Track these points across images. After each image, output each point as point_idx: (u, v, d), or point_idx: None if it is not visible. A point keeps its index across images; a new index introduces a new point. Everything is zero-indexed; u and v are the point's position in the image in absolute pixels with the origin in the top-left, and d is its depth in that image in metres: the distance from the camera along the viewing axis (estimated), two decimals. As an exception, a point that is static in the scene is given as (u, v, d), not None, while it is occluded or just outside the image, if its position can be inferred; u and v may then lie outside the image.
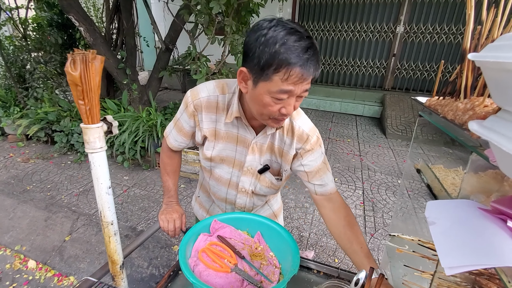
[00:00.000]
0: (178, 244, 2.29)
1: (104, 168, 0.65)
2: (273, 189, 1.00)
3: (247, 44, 0.69)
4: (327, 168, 0.96)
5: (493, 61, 0.24)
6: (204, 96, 0.87)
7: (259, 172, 0.95)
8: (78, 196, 2.93)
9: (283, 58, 0.63)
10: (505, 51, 0.24)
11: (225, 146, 0.93)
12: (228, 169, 0.97)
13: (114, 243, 0.71)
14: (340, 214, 0.94)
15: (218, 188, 1.03)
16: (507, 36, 0.26)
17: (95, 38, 3.30)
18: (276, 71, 0.65)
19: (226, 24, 2.74)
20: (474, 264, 0.31)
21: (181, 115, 0.94)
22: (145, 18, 4.18)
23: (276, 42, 0.63)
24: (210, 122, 0.90)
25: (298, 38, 0.64)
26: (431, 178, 0.71)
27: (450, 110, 0.48)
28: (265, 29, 0.65)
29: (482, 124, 0.30)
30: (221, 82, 0.89)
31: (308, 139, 0.90)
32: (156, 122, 3.34)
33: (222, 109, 0.88)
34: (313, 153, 0.92)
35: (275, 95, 0.69)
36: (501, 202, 0.41)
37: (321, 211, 0.98)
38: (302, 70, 0.65)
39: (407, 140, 4.57)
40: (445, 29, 5.14)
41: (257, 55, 0.66)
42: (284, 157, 0.94)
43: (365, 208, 2.85)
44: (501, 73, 0.25)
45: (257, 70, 0.67)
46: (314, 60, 0.66)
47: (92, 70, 0.58)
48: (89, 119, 0.61)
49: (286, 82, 0.66)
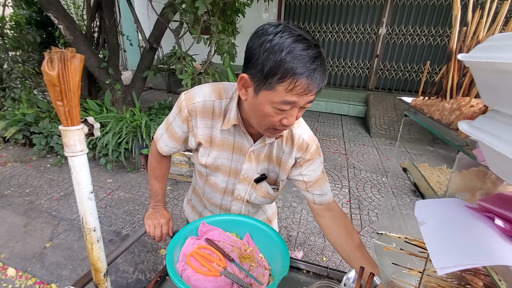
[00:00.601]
0: (165, 248, 2.24)
1: (85, 172, 0.61)
2: (269, 199, 0.97)
3: (250, 49, 0.65)
4: (325, 178, 0.95)
5: (484, 61, 0.24)
6: (200, 101, 0.81)
7: (256, 181, 0.91)
8: (59, 200, 2.82)
9: (289, 67, 0.59)
10: (495, 52, 0.24)
11: (220, 154, 0.88)
12: (223, 177, 0.93)
13: (97, 250, 0.68)
14: (340, 222, 0.93)
15: (213, 194, 0.99)
16: (495, 37, 0.26)
17: (76, 36, 3.19)
18: (280, 80, 0.61)
19: (212, 24, 2.71)
20: (466, 264, 0.32)
21: (173, 120, 0.88)
22: (128, 16, 4.07)
23: (282, 49, 0.59)
24: (206, 128, 0.84)
25: (305, 46, 0.60)
26: (417, 176, 0.72)
27: (436, 110, 0.49)
28: (270, 35, 0.61)
29: (471, 124, 0.30)
30: (217, 86, 0.84)
31: (308, 148, 0.88)
32: (141, 123, 3.26)
33: (218, 115, 0.83)
34: (312, 162, 0.90)
35: (277, 106, 0.65)
36: (487, 200, 0.41)
37: (320, 221, 0.96)
38: (308, 81, 0.61)
39: (390, 139, 4.69)
40: (425, 31, 5.31)
41: (261, 62, 0.61)
42: (282, 166, 0.91)
43: (351, 206, 2.90)
44: (492, 74, 0.25)
45: (260, 77, 0.63)
46: (321, 71, 0.62)
47: (71, 69, 0.55)
48: (68, 121, 0.58)
49: (290, 93, 0.62)
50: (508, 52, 0.22)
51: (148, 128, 3.28)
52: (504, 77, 0.23)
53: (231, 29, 3.08)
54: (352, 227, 0.93)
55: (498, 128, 0.26)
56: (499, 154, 0.25)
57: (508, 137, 0.24)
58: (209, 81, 3.12)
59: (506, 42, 0.24)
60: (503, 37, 0.25)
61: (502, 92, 0.24)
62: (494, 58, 0.23)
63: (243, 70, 0.69)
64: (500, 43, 0.25)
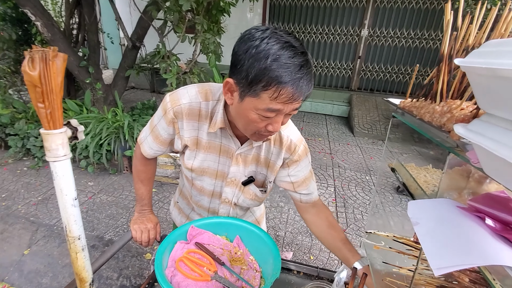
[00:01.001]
0: (150, 252, 2.18)
1: (69, 178, 0.58)
2: (257, 202, 0.97)
3: (236, 54, 0.63)
4: (312, 177, 0.96)
5: (484, 67, 0.24)
6: (186, 103, 0.79)
7: (243, 184, 0.91)
8: (37, 205, 2.68)
9: (274, 75, 0.58)
10: (494, 58, 0.25)
11: (206, 156, 0.87)
12: (210, 180, 0.91)
13: (82, 259, 0.64)
14: (322, 216, 0.97)
15: (200, 197, 0.98)
16: (492, 42, 0.27)
17: (54, 33, 3.05)
18: (265, 88, 0.59)
19: (197, 23, 2.67)
20: (461, 264, 0.32)
21: (158, 122, 0.85)
22: (109, 13, 3.93)
23: (268, 56, 0.57)
24: (192, 130, 0.83)
25: (292, 54, 0.58)
26: (405, 176, 0.74)
27: (426, 112, 0.50)
28: (257, 40, 0.59)
29: (468, 128, 0.31)
30: (204, 87, 0.82)
31: (296, 149, 0.88)
32: (123, 123, 3.17)
33: (205, 117, 0.81)
34: (300, 163, 0.90)
35: (262, 113, 0.64)
36: (477, 201, 0.43)
37: (304, 215, 0.99)
38: (294, 90, 0.60)
39: (373, 138, 4.82)
40: (404, 33, 5.50)
41: (246, 69, 0.60)
42: (270, 168, 0.91)
43: (337, 204, 2.95)
44: (490, 79, 0.25)
45: (245, 84, 0.62)
46: (307, 79, 0.61)
47: (53, 70, 0.52)
48: (51, 123, 0.54)
49: (275, 101, 0.61)
50: (508, 58, 0.22)
51: (131, 129, 3.19)
52: (503, 83, 0.23)
53: (216, 28, 3.05)
54: (333, 220, 0.97)
55: (496, 132, 0.26)
56: (496, 158, 0.26)
57: (507, 141, 0.24)
58: (194, 81, 3.08)
59: (504, 48, 0.24)
60: (500, 43, 0.26)
61: (501, 97, 0.25)
62: (493, 64, 0.23)
63: (229, 75, 0.68)
64: (498, 49, 0.25)
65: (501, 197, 0.42)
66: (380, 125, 5.01)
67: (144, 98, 5.68)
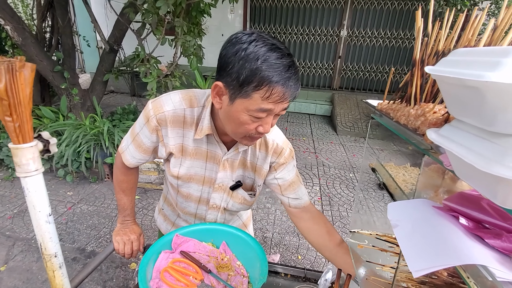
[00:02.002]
0: (136, 262, 2.12)
1: (42, 193, 0.55)
2: (246, 205, 0.96)
3: (224, 57, 0.64)
4: (300, 181, 0.95)
5: (452, 76, 0.25)
6: (169, 110, 0.78)
7: (231, 188, 0.90)
8: (13, 218, 2.55)
9: (265, 75, 0.60)
10: (461, 67, 0.26)
11: (193, 163, 0.86)
12: (197, 187, 0.90)
13: (60, 277, 0.61)
14: (320, 222, 0.94)
15: (187, 204, 0.96)
16: (460, 51, 0.28)
17: (25, 37, 2.90)
18: (257, 88, 0.61)
19: (177, 25, 2.63)
20: (438, 266, 0.33)
21: (140, 130, 0.83)
22: (85, 15, 3.80)
23: (258, 58, 0.60)
24: (177, 137, 0.81)
25: (280, 55, 0.61)
26: (385, 176, 0.76)
27: (402, 115, 0.52)
28: (245, 43, 0.61)
29: (439, 133, 0.32)
30: (188, 94, 0.81)
31: (282, 152, 0.88)
32: (103, 129, 3.07)
33: (190, 124, 0.80)
34: (286, 166, 0.91)
35: (253, 113, 0.65)
36: (451, 200, 0.44)
37: (299, 223, 0.96)
38: (284, 89, 0.62)
39: (355, 136, 4.93)
40: (381, 33, 5.67)
41: (236, 70, 0.61)
42: (257, 172, 0.91)
43: (322, 203, 2.99)
44: (458, 88, 0.26)
45: (236, 85, 0.63)
46: (295, 79, 0.63)
47: (20, 81, 0.49)
48: (20, 137, 0.52)
49: (266, 101, 0.62)
50: (474, 68, 0.23)
51: (111, 135, 3.10)
52: (470, 92, 0.24)
53: (197, 30, 3.02)
54: (331, 225, 0.95)
55: (464, 137, 0.27)
56: (466, 163, 0.27)
57: (474, 147, 0.25)
58: (176, 84, 3.03)
59: (471, 58, 0.25)
60: (468, 52, 0.27)
61: (468, 105, 0.26)
62: (461, 74, 0.24)
63: (216, 78, 0.68)
64: (465, 58, 0.26)
65: (473, 195, 0.44)
66: (362, 123, 5.14)
67: (125, 102, 5.53)
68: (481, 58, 0.24)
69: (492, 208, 0.39)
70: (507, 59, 0.20)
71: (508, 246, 0.34)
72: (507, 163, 0.22)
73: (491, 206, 0.40)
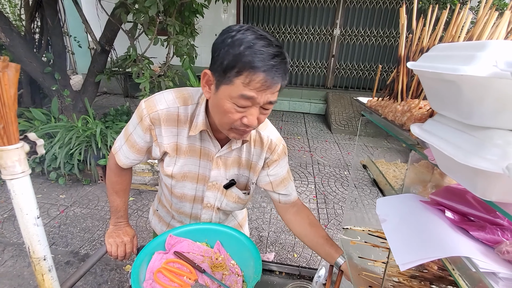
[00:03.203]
0: (131, 264, 2.11)
1: (29, 195, 0.54)
2: (240, 204, 0.96)
3: (214, 46, 0.66)
4: (290, 177, 0.97)
5: (430, 71, 0.25)
6: (163, 109, 0.78)
7: (225, 187, 0.90)
8: (2, 223, 2.50)
9: (247, 60, 0.60)
10: (439, 62, 0.26)
11: (187, 160, 0.85)
12: (191, 185, 0.90)
13: (49, 281, 0.61)
14: (303, 214, 0.97)
15: (182, 204, 0.95)
16: (439, 47, 0.29)
17: (12, 38, 2.86)
18: (238, 73, 0.61)
19: (169, 24, 2.61)
20: (424, 258, 0.34)
21: (134, 130, 0.83)
22: (75, 15, 3.75)
23: (242, 44, 0.60)
24: (171, 136, 0.81)
25: (266, 44, 0.61)
26: (375, 173, 0.76)
27: (390, 112, 0.52)
28: (233, 32, 0.62)
29: (422, 128, 0.32)
30: (182, 92, 0.81)
31: (275, 149, 0.89)
32: (95, 131, 3.03)
33: (184, 121, 0.80)
34: (279, 162, 0.91)
35: (236, 101, 0.64)
36: (438, 194, 0.45)
37: (284, 216, 0.99)
38: (266, 76, 0.61)
39: (349, 134, 4.96)
40: (374, 32, 5.72)
41: (221, 56, 0.62)
42: (252, 169, 0.91)
43: (317, 201, 3.00)
44: (437, 82, 0.27)
45: (220, 72, 0.64)
46: (280, 68, 0.62)
47: (4, 81, 0.48)
48: (4, 139, 0.51)
49: (248, 87, 0.62)
50: (451, 63, 0.24)
51: (104, 137, 3.06)
52: (448, 86, 0.25)
53: (189, 30, 3.00)
54: (313, 218, 0.98)
55: (445, 131, 0.28)
56: (447, 156, 0.27)
57: (454, 140, 0.26)
58: (169, 84, 3.01)
59: (449, 52, 0.26)
60: (446, 48, 0.27)
61: (447, 99, 0.26)
62: (439, 69, 0.24)
63: (209, 68, 0.69)
64: (444, 53, 0.26)
65: (459, 189, 0.45)
66: (356, 121, 5.17)
67: (117, 103, 5.48)
68: (458, 52, 0.24)
69: (476, 201, 0.40)
70: (481, 52, 0.21)
71: (491, 238, 0.35)
72: (484, 155, 0.22)
73: (475, 199, 0.41)
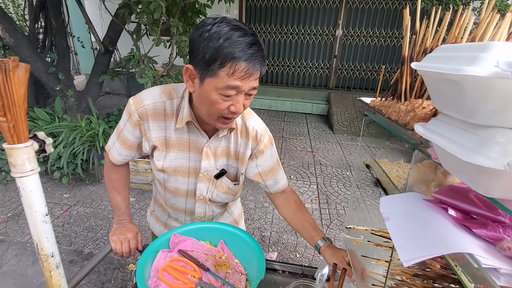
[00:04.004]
0: (134, 263, 2.12)
1: (38, 193, 0.55)
2: (231, 195, 0.98)
3: (192, 41, 0.68)
4: (279, 165, 1.00)
5: (434, 71, 0.26)
6: (150, 103, 0.81)
7: (216, 177, 0.92)
8: (6, 222, 2.53)
9: (227, 52, 0.62)
10: (443, 62, 0.27)
11: (177, 155, 0.88)
12: (183, 179, 0.92)
13: (57, 277, 0.62)
14: (290, 199, 1.03)
15: (176, 199, 0.97)
16: (442, 48, 0.29)
17: (17, 39, 2.88)
18: (221, 65, 0.64)
19: (172, 25, 2.63)
20: (427, 255, 0.34)
21: (124, 126, 0.87)
22: (78, 16, 3.78)
23: (220, 37, 0.63)
24: (159, 130, 0.84)
25: (242, 34, 0.64)
26: (379, 172, 0.77)
27: (393, 111, 0.53)
28: (209, 25, 0.65)
29: (426, 127, 0.33)
30: (167, 87, 0.85)
31: (261, 139, 0.91)
32: (99, 131, 3.05)
33: (170, 115, 0.83)
34: (266, 152, 0.94)
35: (222, 92, 0.67)
36: (441, 193, 0.45)
37: (274, 201, 1.06)
38: (248, 64, 0.64)
39: (351, 134, 4.95)
40: (376, 33, 5.71)
41: (202, 51, 0.64)
42: (240, 160, 0.93)
43: (320, 201, 3.00)
44: (441, 82, 0.27)
45: (203, 66, 0.66)
46: (259, 56, 0.66)
47: (14, 80, 0.49)
48: (14, 138, 0.52)
49: (232, 77, 0.65)
50: (454, 63, 0.24)
51: (107, 137, 3.08)
52: (451, 86, 0.25)
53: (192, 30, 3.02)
54: (300, 203, 1.03)
55: (448, 130, 0.29)
56: (451, 154, 0.28)
57: (457, 139, 0.26)
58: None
59: (452, 53, 0.26)
60: (449, 48, 0.28)
61: (450, 99, 0.27)
62: (443, 69, 0.25)
63: (188, 62, 0.71)
64: (447, 54, 0.27)
65: (462, 188, 0.46)
66: (358, 122, 5.16)
67: (121, 103, 5.51)
68: (461, 53, 0.25)
69: (479, 199, 0.41)
70: (484, 54, 0.21)
71: (493, 235, 0.35)
72: (486, 153, 0.23)
73: (478, 197, 0.41)
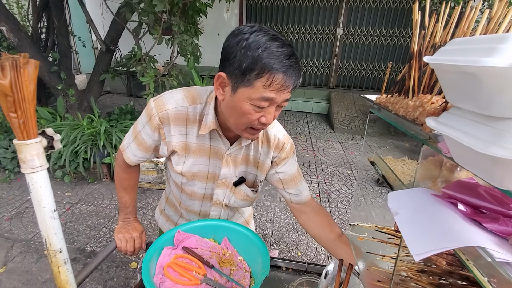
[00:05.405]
0: (136, 261, 2.12)
1: (46, 189, 0.56)
2: (248, 202, 0.97)
3: (227, 48, 0.66)
4: (301, 176, 0.96)
5: (450, 64, 0.26)
6: (172, 108, 0.78)
7: (234, 184, 0.91)
8: (11, 220, 2.54)
9: (267, 62, 0.61)
10: (458, 55, 0.27)
11: (197, 160, 0.86)
12: (201, 184, 0.90)
13: (65, 273, 0.62)
14: (322, 214, 0.96)
15: (191, 202, 0.96)
16: (456, 41, 0.29)
17: (21, 38, 2.89)
18: (258, 76, 0.62)
19: (173, 24, 2.63)
20: (438, 249, 0.35)
21: (142, 128, 0.83)
22: (80, 15, 3.78)
23: (259, 46, 0.61)
24: (180, 135, 0.82)
25: (280, 44, 0.62)
26: (384, 169, 0.77)
27: (401, 107, 0.53)
28: (247, 34, 0.63)
29: (438, 121, 0.33)
30: (190, 91, 0.82)
31: (284, 147, 0.89)
32: (100, 129, 3.06)
33: (193, 121, 0.80)
34: (288, 160, 0.92)
35: (255, 102, 0.65)
36: (450, 188, 0.46)
37: (300, 217, 0.98)
38: (285, 77, 0.63)
39: (352, 133, 4.96)
40: (377, 31, 5.70)
41: (239, 59, 0.63)
42: (260, 167, 0.91)
43: (321, 200, 3.01)
44: (455, 75, 0.28)
45: (238, 74, 0.64)
46: (296, 68, 0.64)
47: (25, 77, 0.50)
48: (24, 133, 0.52)
49: (268, 89, 0.63)
50: (470, 55, 0.25)
51: (109, 135, 3.09)
52: (467, 78, 0.26)
53: (193, 29, 3.02)
54: (331, 218, 0.97)
55: (462, 123, 0.29)
56: (464, 147, 0.28)
57: (472, 131, 0.27)
58: (173, 83, 3.03)
59: (467, 46, 0.27)
60: (464, 41, 0.28)
61: (465, 91, 0.27)
62: (458, 61, 0.25)
63: (220, 69, 0.69)
64: (462, 46, 0.27)
65: (470, 183, 0.46)
66: (359, 121, 5.16)
67: (121, 102, 5.51)
68: (477, 45, 0.25)
69: (488, 194, 0.41)
70: (503, 45, 0.22)
71: (505, 229, 0.35)
72: (503, 144, 0.23)
73: (488, 192, 0.41)
